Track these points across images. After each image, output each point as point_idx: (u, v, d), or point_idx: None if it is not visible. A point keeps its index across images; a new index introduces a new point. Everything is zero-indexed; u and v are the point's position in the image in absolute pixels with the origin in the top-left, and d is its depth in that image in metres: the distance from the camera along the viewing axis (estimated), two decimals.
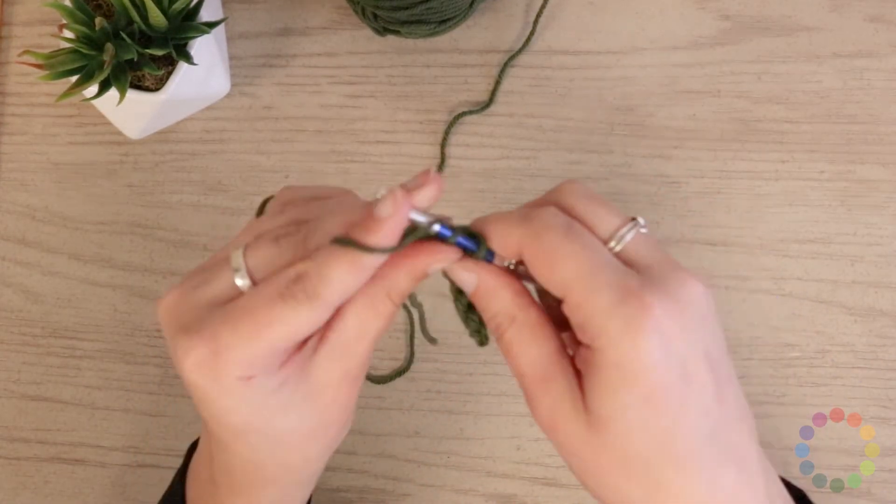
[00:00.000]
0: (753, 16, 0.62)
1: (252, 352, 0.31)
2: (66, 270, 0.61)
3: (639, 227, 0.32)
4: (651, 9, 0.62)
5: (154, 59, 0.54)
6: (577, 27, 0.62)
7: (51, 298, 0.61)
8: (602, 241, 0.32)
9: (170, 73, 0.55)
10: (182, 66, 0.54)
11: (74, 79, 0.51)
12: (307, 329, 0.31)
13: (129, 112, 0.57)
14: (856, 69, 0.61)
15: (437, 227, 0.32)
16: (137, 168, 0.62)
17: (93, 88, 0.52)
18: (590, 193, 0.33)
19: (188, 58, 0.54)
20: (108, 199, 0.62)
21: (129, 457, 0.59)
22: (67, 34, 0.53)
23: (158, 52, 0.52)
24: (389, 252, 0.31)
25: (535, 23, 0.62)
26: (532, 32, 0.62)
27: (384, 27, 0.61)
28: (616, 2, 0.63)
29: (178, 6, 0.52)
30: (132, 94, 0.54)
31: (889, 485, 0.56)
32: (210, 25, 0.54)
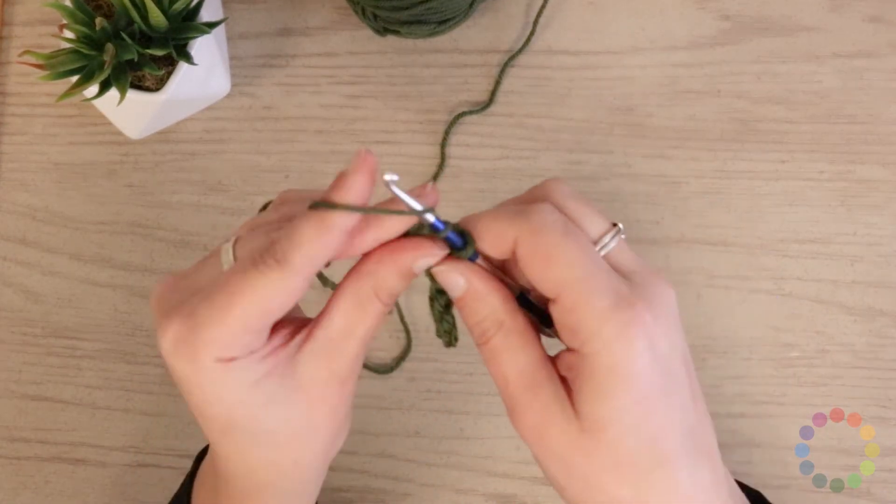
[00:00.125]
0: (753, 16, 0.62)
1: (227, 327, 0.30)
2: (67, 270, 0.61)
3: (620, 234, 0.33)
4: (651, 9, 0.62)
5: (154, 60, 0.54)
6: (577, 27, 0.62)
7: (51, 298, 0.61)
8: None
9: (170, 73, 0.55)
10: (182, 67, 0.54)
11: (75, 79, 0.51)
12: (280, 299, 0.30)
13: (130, 112, 0.57)
14: (856, 69, 0.61)
15: (432, 218, 0.31)
16: (138, 168, 0.62)
17: (93, 88, 0.52)
18: (577, 194, 0.33)
19: (188, 58, 0.54)
20: (109, 199, 0.62)
21: (130, 457, 0.59)
22: (68, 34, 0.53)
23: (159, 53, 0.52)
24: (359, 212, 0.30)
25: (535, 23, 0.62)
26: (532, 32, 0.62)
27: (384, 27, 0.61)
28: (616, 2, 0.63)
29: (179, 6, 0.52)
30: (132, 95, 0.54)
31: (889, 485, 0.56)
32: (210, 25, 0.54)
